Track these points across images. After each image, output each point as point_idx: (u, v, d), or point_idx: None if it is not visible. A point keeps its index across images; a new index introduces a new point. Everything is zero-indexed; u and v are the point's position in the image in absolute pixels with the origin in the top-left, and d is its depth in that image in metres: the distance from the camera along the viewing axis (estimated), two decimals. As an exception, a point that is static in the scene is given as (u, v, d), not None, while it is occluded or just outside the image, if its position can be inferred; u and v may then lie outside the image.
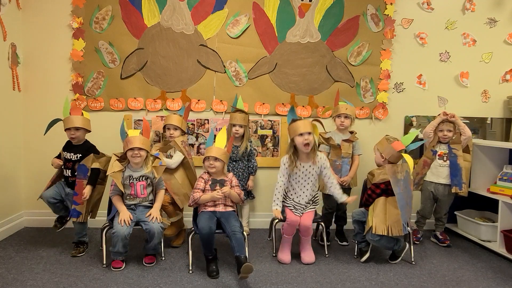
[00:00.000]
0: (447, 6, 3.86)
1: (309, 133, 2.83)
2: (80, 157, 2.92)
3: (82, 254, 2.99)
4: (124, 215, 2.71)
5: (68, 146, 2.98)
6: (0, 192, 3.30)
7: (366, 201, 3.01)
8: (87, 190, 2.82)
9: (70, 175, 2.94)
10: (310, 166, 2.94)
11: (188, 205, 2.91)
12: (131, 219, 2.71)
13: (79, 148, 2.96)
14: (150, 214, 2.75)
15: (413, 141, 2.94)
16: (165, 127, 3.28)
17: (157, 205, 2.84)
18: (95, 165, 2.90)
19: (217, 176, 2.91)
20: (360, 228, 3.04)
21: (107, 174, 2.77)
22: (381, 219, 2.82)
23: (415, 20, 3.83)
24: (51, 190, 2.94)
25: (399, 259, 2.97)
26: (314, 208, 3.04)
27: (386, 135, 3.02)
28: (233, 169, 3.44)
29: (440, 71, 3.89)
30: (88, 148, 2.97)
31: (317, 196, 3.08)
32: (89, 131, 3.03)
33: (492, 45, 3.92)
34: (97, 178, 2.91)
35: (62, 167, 2.98)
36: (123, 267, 2.74)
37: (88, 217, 2.98)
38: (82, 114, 2.99)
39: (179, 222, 3.26)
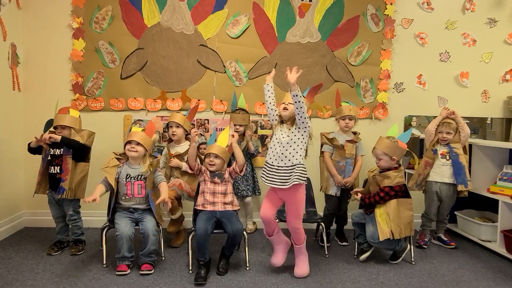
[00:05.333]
0: (447, 6, 3.86)
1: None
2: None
3: (81, 252, 3.00)
4: (92, 196, 2.58)
5: (55, 143, 2.88)
6: (0, 192, 3.30)
7: (375, 202, 2.89)
8: (54, 136, 2.80)
9: (58, 171, 2.89)
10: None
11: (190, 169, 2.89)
12: (96, 201, 2.60)
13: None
14: (162, 199, 2.68)
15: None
16: (168, 125, 3.29)
17: (165, 195, 2.73)
18: (77, 138, 2.90)
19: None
20: (361, 229, 3.03)
21: (100, 169, 2.74)
22: (396, 223, 2.82)
23: (415, 20, 3.83)
24: (54, 210, 2.99)
25: (400, 259, 2.97)
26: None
27: (388, 137, 2.96)
28: None
29: (440, 71, 3.89)
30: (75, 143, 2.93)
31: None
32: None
33: (492, 45, 3.92)
34: (78, 147, 2.88)
35: (50, 164, 2.91)
36: (128, 272, 2.66)
37: (74, 195, 2.91)
38: (69, 113, 2.99)
39: (180, 218, 3.26)
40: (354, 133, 3.36)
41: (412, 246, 3.02)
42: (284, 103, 2.63)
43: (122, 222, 2.68)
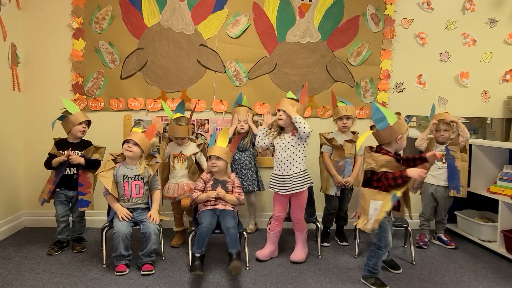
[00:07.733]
0: (447, 6, 3.86)
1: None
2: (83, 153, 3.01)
3: (85, 249, 3.03)
4: (122, 211, 2.71)
5: (66, 145, 2.97)
6: (0, 192, 3.30)
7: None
8: (79, 158, 2.91)
9: (75, 172, 2.96)
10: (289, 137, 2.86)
11: (190, 204, 2.91)
12: (130, 217, 2.71)
13: (80, 144, 3.02)
14: (150, 216, 2.75)
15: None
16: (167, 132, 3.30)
17: (156, 206, 2.83)
18: (96, 156, 3.01)
19: (220, 176, 2.90)
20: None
21: (95, 174, 2.81)
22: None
23: (415, 20, 3.83)
24: (61, 209, 3.00)
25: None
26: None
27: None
28: (240, 158, 3.48)
29: (440, 71, 3.89)
30: (87, 144, 3.06)
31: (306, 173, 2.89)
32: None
33: (492, 45, 3.92)
34: (98, 167, 2.92)
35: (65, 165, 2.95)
36: (127, 271, 2.66)
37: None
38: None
39: (185, 230, 3.29)
40: (353, 132, 3.36)
41: (412, 246, 3.03)
42: (279, 110, 2.84)
43: (119, 221, 2.68)
